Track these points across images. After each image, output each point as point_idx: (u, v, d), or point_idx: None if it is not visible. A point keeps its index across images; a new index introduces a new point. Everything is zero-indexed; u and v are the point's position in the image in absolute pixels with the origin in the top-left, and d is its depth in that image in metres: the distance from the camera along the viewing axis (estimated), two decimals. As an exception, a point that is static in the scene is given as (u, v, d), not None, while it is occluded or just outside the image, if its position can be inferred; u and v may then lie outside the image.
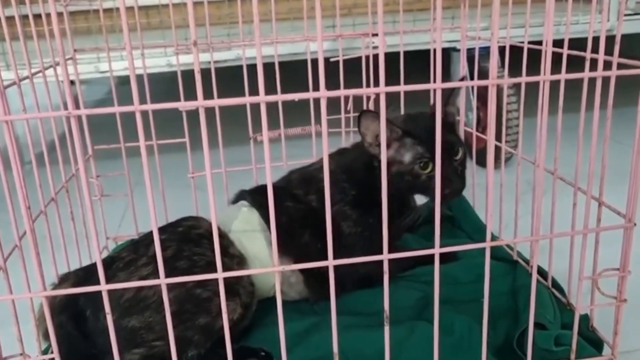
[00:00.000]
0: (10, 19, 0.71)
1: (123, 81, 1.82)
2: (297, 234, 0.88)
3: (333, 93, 0.55)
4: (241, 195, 0.97)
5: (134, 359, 0.72)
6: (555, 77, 0.60)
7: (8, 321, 0.63)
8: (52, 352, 0.60)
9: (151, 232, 0.85)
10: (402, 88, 0.59)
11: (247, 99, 0.54)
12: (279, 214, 0.89)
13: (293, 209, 0.90)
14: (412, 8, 1.46)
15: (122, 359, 0.70)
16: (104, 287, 0.57)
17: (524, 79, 0.62)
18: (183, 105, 0.51)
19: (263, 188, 0.98)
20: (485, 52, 1.29)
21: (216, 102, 0.53)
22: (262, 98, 0.52)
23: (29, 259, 0.62)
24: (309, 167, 0.99)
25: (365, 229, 0.92)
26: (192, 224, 0.85)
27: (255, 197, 0.94)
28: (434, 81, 0.75)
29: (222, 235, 0.84)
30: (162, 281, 0.57)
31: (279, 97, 0.55)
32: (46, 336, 0.75)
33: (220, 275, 0.57)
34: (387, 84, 0.55)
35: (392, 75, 0.56)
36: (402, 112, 1.12)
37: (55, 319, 0.69)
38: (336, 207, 0.92)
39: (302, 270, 0.88)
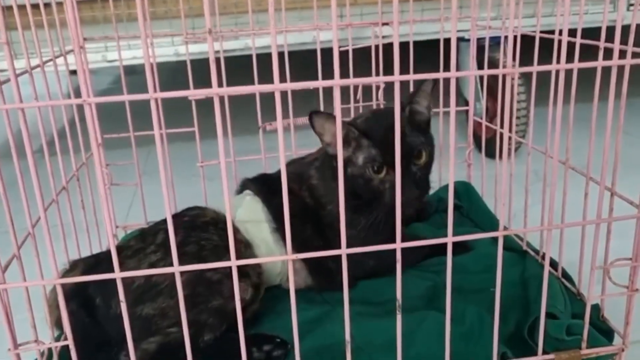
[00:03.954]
0: (20, 8, 0.71)
1: (128, 71, 1.83)
2: (297, 227, 0.87)
3: (346, 81, 0.55)
4: (245, 185, 0.98)
5: (150, 347, 0.72)
6: (569, 66, 0.60)
7: (18, 309, 0.63)
8: (65, 339, 0.61)
9: (157, 223, 0.86)
10: (415, 77, 0.58)
11: (261, 87, 0.54)
12: (282, 205, 0.90)
13: (292, 202, 0.89)
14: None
15: (139, 348, 0.71)
16: (117, 274, 0.57)
17: (535, 67, 0.62)
18: (198, 93, 0.51)
19: (264, 177, 0.99)
20: (494, 42, 1.28)
21: (230, 90, 0.53)
22: (276, 86, 0.52)
23: (40, 246, 0.62)
24: (303, 159, 0.98)
25: (361, 230, 0.89)
26: (197, 212, 0.86)
27: (258, 186, 0.95)
28: (444, 70, 0.75)
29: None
30: (176, 269, 0.57)
31: (293, 85, 0.55)
32: (58, 324, 0.76)
33: (233, 263, 0.57)
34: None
35: (401, 65, 0.56)
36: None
37: (67, 306, 0.70)
38: (329, 208, 0.91)
39: (304, 261, 0.88)
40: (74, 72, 1.69)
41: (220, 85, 1.05)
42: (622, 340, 0.72)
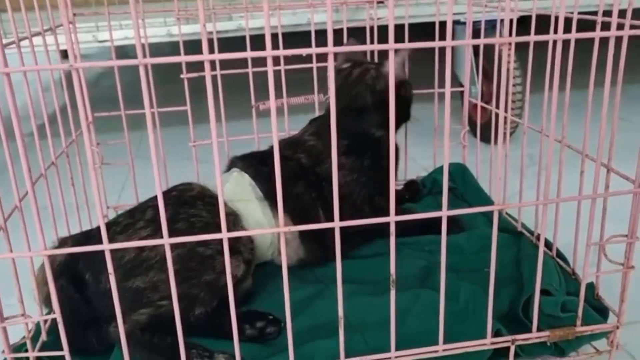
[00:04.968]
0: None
1: (119, 55, 1.80)
2: (289, 188, 0.88)
3: (341, 49, 0.54)
4: (233, 162, 0.98)
5: (141, 319, 0.71)
6: (566, 36, 0.59)
7: (7, 290, 0.62)
8: (54, 313, 0.60)
9: (145, 201, 0.85)
10: (410, 45, 0.57)
11: (253, 53, 0.53)
12: (271, 171, 0.90)
13: (283, 166, 0.90)
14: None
15: (129, 319, 0.70)
16: (106, 246, 0.56)
17: (532, 37, 0.61)
18: (189, 59, 0.50)
19: (253, 154, 0.99)
20: (490, 26, 1.27)
21: (220, 56, 0.52)
22: (269, 53, 0.51)
23: (29, 221, 0.61)
24: (294, 135, 1.02)
25: (362, 173, 0.95)
26: (184, 187, 0.86)
27: (246, 162, 0.95)
28: (439, 54, 0.73)
29: (215, 197, 0.84)
30: (166, 241, 0.56)
31: (286, 52, 0.54)
32: (47, 301, 0.74)
33: (225, 235, 0.56)
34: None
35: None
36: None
37: (55, 282, 0.69)
38: (329, 160, 0.92)
39: (296, 224, 0.87)
40: (65, 56, 1.67)
41: (212, 67, 1.04)
42: (617, 319, 0.71)
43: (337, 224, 0.58)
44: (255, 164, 0.92)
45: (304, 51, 0.53)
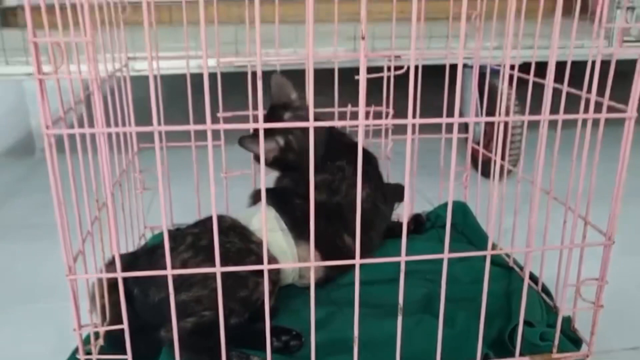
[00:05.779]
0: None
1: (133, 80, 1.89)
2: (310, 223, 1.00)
3: (373, 122, 0.66)
4: (257, 194, 1.10)
5: (187, 326, 0.84)
6: (553, 117, 0.72)
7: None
8: (111, 324, 0.72)
9: (185, 228, 0.98)
10: (424, 121, 0.70)
11: (298, 124, 0.65)
12: (293, 210, 1.03)
13: (304, 205, 1.02)
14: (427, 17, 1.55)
15: (177, 326, 0.83)
16: (169, 272, 0.69)
17: (527, 117, 0.74)
18: (248, 127, 0.63)
19: (273, 190, 1.11)
20: (495, 70, 1.39)
21: (272, 125, 0.65)
22: (312, 124, 0.63)
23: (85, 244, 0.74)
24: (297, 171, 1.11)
25: (377, 184, 1.12)
26: (218, 219, 0.97)
27: (270, 198, 1.05)
28: (449, 92, 0.86)
29: (244, 227, 0.98)
30: (218, 269, 0.69)
31: (324, 124, 0.66)
32: (102, 313, 0.87)
33: (265, 267, 0.69)
34: (401, 97, 0.64)
35: (406, 88, 0.65)
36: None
37: (111, 297, 0.82)
38: (352, 192, 1.03)
39: (320, 250, 0.97)
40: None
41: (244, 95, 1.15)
42: (588, 348, 0.84)
43: (357, 261, 0.71)
44: (276, 201, 1.05)
45: (340, 123, 0.66)
